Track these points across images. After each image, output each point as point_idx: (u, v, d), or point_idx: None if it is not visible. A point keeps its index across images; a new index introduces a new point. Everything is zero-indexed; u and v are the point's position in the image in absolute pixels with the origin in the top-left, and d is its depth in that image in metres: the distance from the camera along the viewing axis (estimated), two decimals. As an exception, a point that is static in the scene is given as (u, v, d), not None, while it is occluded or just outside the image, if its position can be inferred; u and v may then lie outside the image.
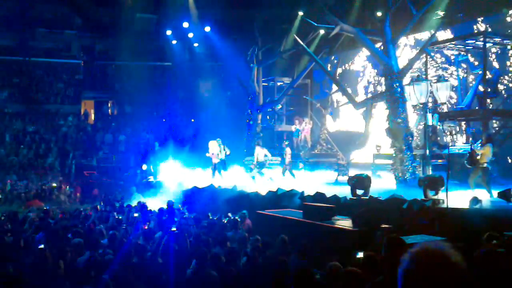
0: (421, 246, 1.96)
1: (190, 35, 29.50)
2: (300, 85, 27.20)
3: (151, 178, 23.37)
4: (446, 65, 19.76)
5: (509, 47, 17.22)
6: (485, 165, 12.92)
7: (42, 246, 7.91)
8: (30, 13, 32.09)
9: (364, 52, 23.68)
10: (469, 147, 13.70)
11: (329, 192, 13.51)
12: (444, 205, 10.84)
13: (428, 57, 17.66)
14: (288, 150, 20.07)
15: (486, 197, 12.21)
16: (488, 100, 16.35)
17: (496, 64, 18.01)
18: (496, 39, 16.42)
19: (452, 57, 19.00)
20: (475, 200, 10.94)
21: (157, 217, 12.78)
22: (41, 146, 28.60)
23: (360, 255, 6.65)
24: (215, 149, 19.91)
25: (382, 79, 18.96)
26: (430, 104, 16.31)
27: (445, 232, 9.25)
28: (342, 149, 23.92)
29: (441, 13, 19.85)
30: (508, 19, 18.17)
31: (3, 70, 31.91)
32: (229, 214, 13.01)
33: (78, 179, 25.92)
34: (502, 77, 17.58)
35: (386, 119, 16.68)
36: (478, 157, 12.69)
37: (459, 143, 16.90)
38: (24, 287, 6.03)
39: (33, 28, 32.05)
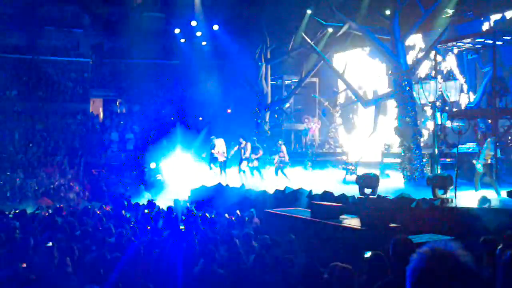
0: (430, 246, 1.96)
1: (198, 33, 29.52)
2: (309, 84, 27.17)
3: (159, 176, 23.43)
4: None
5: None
6: (489, 161, 12.89)
7: (50, 244, 7.94)
8: (38, 11, 32.19)
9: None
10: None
11: (337, 191, 13.49)
12: (453, 204, 10.80)
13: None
14: (283, 148, 19.39)
15: (494, 195, 12.18)
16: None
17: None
18: (506, 37, 16.30)
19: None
20: (484, 199, 10.89)
21: (166, 216, 12.81)
22: (50, 144, 28.71)
23: (368, 254, 6.63)
24: (222, 147, 19.87)
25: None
26: (438, 103, 16.28)
27: (454, 231, 9.23)
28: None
29: (450, 11, 19.75)
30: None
31: (12, 69, 32.03)
32: (238, 212, 13.03)
33: (86, 177, 26.00)
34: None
35: (395, 117, 16.63)
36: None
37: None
38: (34, 285, 6.05)
39: (42, 27, 32.12)
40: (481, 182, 13.18)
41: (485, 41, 16.41)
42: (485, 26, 18.48)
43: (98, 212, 13.89)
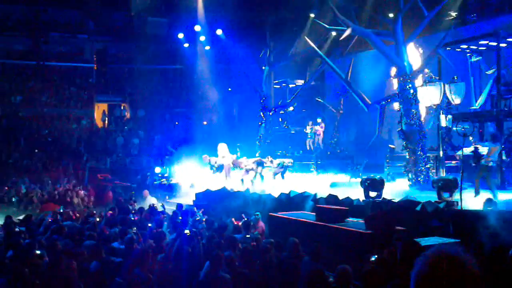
0: (434, 249, 1.95)
1: (202, 38, 29.58)
2: (312, 87, 27.18)
3: (164, 181, 23.43)
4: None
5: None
6: (490, 164, 12.83)
7: (56, 249, 7.95)
8: (43, 17, 32.37)
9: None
10: (473, 145, 13.63)
11: (342, 194, 13.45)
12: (458, 207, 10.77)
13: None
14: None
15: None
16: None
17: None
18: (510, 39, 16.24)
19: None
20: (490, 202, 10.85)
21: (170, 220, 12.79)
22: (55, 149, 28.80)
23: (374, 258, 6.61)
24: (225, 151, 19.87)
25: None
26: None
27: (459, 234, 9.19)
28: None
29: (453, 14, 19.73)
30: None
31: (17, 74, 32.23)
32: (243, 215, 12.99)
33: (91, 182, 26.04)
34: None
35: (399, 120, 16.60)
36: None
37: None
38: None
39: (46, 33, 32.28)
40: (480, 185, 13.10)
41: (489, 43, 16.37)
42: (489, 28, 18.43)
43: (103, 217, 13.89)
